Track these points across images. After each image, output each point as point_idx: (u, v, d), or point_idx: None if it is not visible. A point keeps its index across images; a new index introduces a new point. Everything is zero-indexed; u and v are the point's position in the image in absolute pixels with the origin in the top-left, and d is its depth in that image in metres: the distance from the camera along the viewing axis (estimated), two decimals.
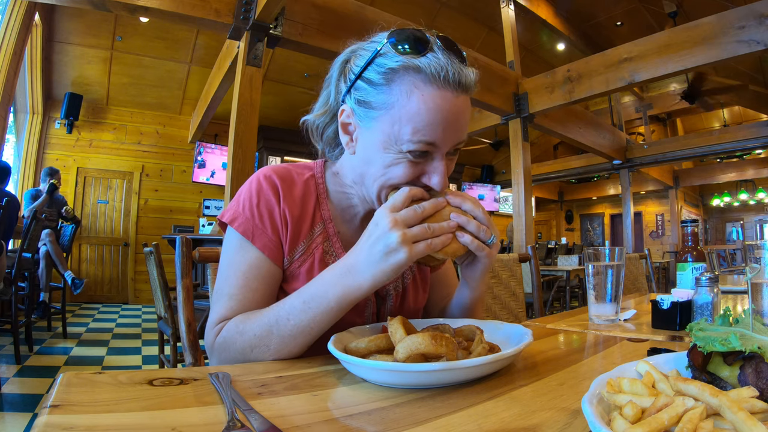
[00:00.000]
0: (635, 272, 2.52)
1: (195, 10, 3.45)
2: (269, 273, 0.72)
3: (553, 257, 6.65)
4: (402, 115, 0.64)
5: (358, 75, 0.68)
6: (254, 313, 0.67)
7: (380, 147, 0.67)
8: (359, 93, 0.68)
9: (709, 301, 0.91)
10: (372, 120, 0.67)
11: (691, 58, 4.00)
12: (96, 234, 6.57)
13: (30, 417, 2.14)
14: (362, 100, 0.68)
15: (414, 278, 0.86)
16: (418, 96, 0.63)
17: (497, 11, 6.02)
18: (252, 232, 0.71)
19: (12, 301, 3.13)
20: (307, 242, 0.74)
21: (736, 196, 11.70)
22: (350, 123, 0.72)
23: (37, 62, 5.45)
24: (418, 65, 0.63)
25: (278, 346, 0.65)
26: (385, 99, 0.65)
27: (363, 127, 0.70)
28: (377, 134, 0.67)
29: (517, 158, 5.41)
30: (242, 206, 0.73)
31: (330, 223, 0.77)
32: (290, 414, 0.45)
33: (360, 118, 0.69)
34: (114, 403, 0.46)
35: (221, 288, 0.71)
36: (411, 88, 0.63)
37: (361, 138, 0.71)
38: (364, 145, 0.70)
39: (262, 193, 0.73)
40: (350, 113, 0.71)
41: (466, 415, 0.46)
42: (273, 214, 0.72)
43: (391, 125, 0.65)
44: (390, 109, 0.65)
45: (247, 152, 3.39)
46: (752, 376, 0.44)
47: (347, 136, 0.73)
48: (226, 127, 4.07)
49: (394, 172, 0.67)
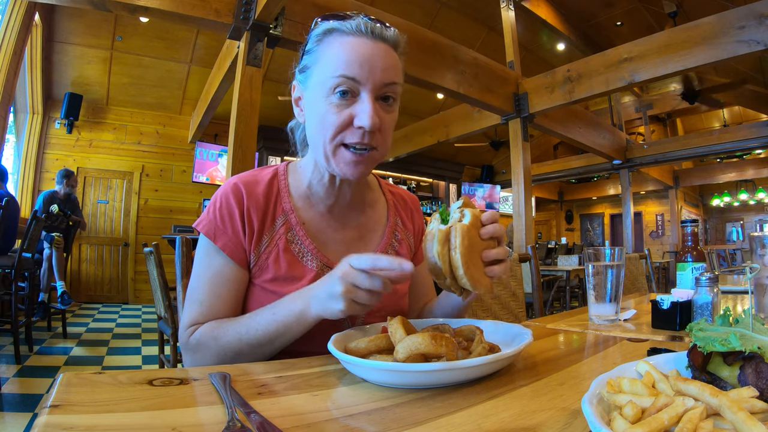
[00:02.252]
0: (635, 272, 2.52)
1: (195, 10, 3.44)
2: (233, 277, 0.79)
3: (553, 257, 6.65)
4: (325, 62, 0.74)
5: (302, 54, 0.81)
6: (227, 321, 0.75)
7: (316, 100, 0.76)
8: (301, 65, 0.81)
9: (709, 301, 0.91)
10: (308, 78, 0.78)
11: (691, 58, 4.00)
12: (96, 234, 6.56)
13: (30, 417, 2.14)
14: (301, 68, 0.80)
15: None
16: (336, 44, 0.74)
17: (497, 11, 6.02)
18: (214, 232, 0.79)
19: (12, 301, 3.13)
20: (270, 234, 0.81)
21: (736, 196, 11.70)
22: (299, 96, 0.83)
23: (37, 62, 5.45)
24: (338, 26, 0.75)
25: (249, 350, 0.72)
26: (315, 57, 0.77)
27: (304, 90, 0.80)
28: (313, 90, 0.77)
29: (517, 158, 5.40)
30: (208, 212, 0.81)
31: (292, 214, 0.83)
32: (290, 414, 0.45)
33: (302, 84, 0.80)
34: (114, 403, 0.46)
35: (192, 294, 0.79)
36: (332, 41, 0.75)
37: (306, 103, 0.81)
38: (308, 108, 0.80)
39: (225, 198, 0.81)
40: (297, 86, 0.82)
41: (466, 415, 0.46)
42: (233, 216, 0.79)
43: (319, 74, 0.75)
44: (318, 63, 0.76)
45: (247, 152, 3.39)
46: (752, 376, 0.44)
47: (298, 109, 0.84)
48: (226, 127, 4.06)
49: (328, 119, 0.74)
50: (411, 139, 7.54)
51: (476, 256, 0.66)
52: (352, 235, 0.89)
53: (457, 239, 0.62)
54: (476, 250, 0.66)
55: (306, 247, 0.82)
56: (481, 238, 0.68)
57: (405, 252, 0.95)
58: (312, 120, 0.78)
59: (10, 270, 3.23)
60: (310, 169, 0.86)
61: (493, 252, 0.68)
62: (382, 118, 0.75)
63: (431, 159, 9.51)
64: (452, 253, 0.62)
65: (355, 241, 0.89)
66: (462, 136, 6.75)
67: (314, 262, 0.81)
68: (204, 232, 0.79)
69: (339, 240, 0.87)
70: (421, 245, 1.00)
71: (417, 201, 1.05)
